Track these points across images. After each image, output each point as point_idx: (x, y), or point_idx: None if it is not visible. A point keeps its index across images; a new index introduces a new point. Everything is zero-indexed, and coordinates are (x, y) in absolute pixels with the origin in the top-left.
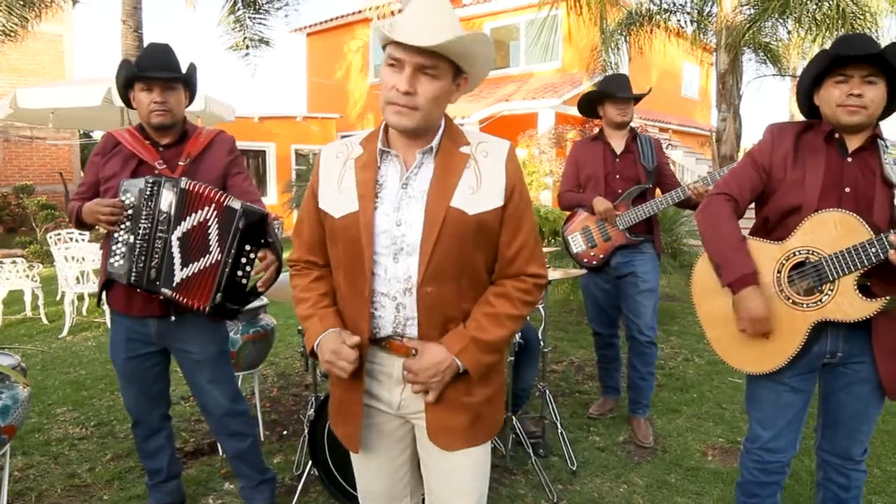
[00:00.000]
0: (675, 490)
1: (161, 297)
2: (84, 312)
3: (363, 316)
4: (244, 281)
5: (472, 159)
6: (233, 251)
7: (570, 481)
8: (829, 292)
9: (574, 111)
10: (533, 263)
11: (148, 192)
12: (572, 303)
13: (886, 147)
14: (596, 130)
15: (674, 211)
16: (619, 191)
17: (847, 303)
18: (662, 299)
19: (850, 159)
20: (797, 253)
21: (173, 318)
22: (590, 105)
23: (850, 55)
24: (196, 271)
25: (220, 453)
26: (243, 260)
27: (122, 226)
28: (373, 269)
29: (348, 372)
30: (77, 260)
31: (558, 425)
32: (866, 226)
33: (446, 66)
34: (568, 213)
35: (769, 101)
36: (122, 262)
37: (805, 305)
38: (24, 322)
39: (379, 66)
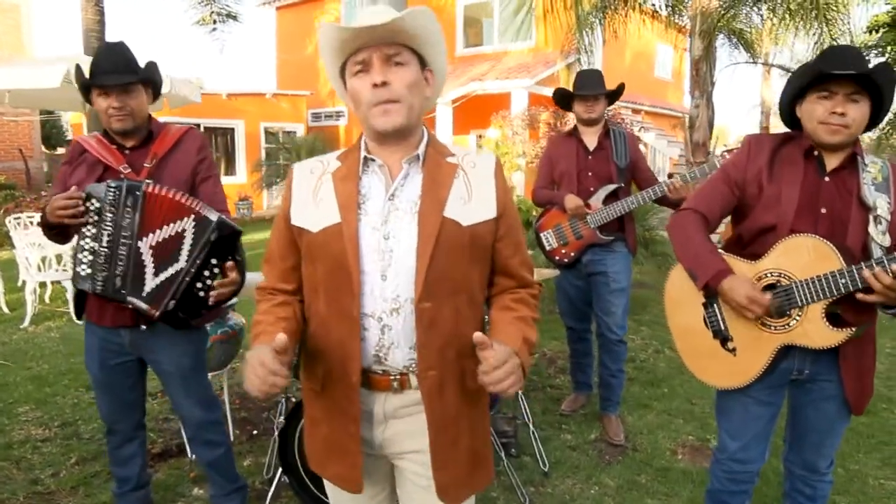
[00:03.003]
0: (645, 491)
1: (130, 307)
2: (47, 300)
3: (352, 339)
4: (201, 294)
5: (461, 169)
6: (198, 262)
7: (541, 483)
8: (798, 317)
9: (547, 91)
10: (531, 273)
11: (110, 197)
12: (544, 292)
13: (865, 166)
14: (570, 118)
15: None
16: (592, 188)
17: (814, 330)
18: (634, 287)
19: (827, 179)
20: (769, 275)
21: (143, 327)
22: (563, 99)
23: (836, 73)
24: (163, 279)
25: (189, 455)
26: (206, 273)
27: (87, 231)
28: (360, 287)
29: (269, 383)
30: (39, 246)
31: (530, 426)
32: (839, 255)
33: (409, 54)
34: (542, 208)
35: (742, 87)
36: (87, 269)
37: (773, 328)
38: None
39: None
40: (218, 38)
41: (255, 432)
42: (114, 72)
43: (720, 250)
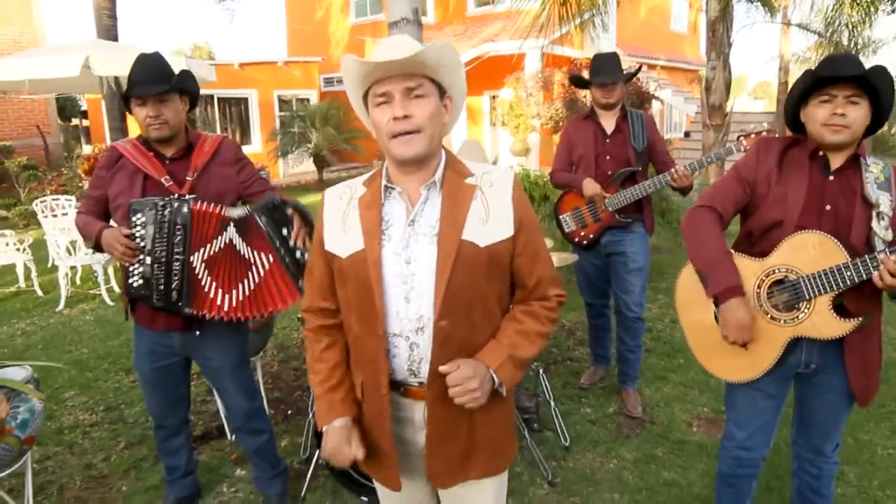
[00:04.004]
0: (662, 464)
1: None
2: (78, 282)
3: (380, 356)
4: (307, 255)
5: (479, 190)
6: (277, 243)
7: (563, 457)
8: (806, 310)
9: (561, 51)
10: (553, 287)
11: (159, 217)
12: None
13: (868, 166)
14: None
15: None
16: (609, 172)
17: (822, 321)
18: (650, 253)
19: (832, 178)
20: (777, 270)
21: (198, 332)
22: (580, 83)
23: (834, 76)
24: (256, 283)
25: (229, 437)
26: (291, 243)
27: (140, 252)
28: (384, 308)
29: (345, 465)
30: (67, 230)
31: (551, 402)
32: (843, 250)
33: (430, 86)
34: (560, 190)
35: (760, 39)
36: (140, 282)
37: (782, 321)
38: (18, 295)
39: (360, 3)
40: (228, 8)
41: (289, 412)
42: (149, 82)
43: (731, 249)
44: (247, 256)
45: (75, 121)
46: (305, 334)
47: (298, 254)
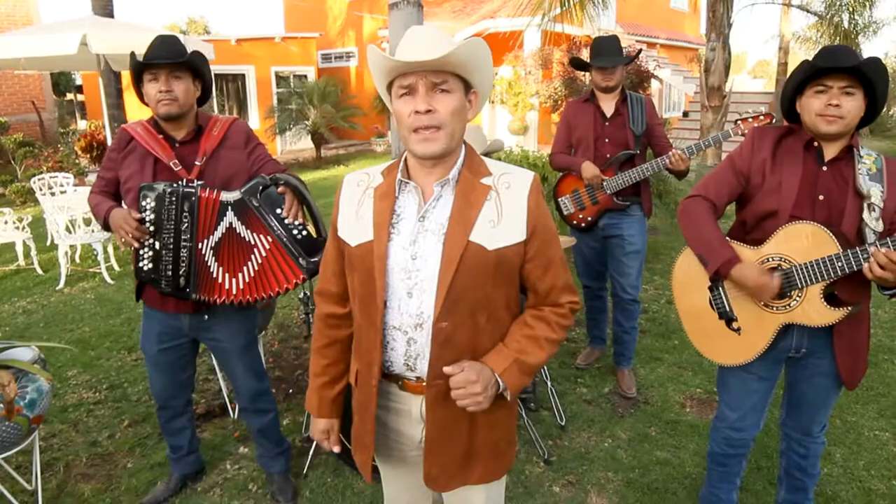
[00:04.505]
0: (655, 444)
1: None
2: (77, 260)
3: (375, 348)
4: (304, 232)
5: (494, 191)
6: (274, 223)
7: (559, 436)
8: (798, 298)
9: (561, 29)
10: (566, 294)
11: (166, 202)
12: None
13: (861, 157)
14: (583, 53)
15: None
16: (608, 155)
17: (813, 309)
18: (647, 233)
19: (825, 168)
20: (770, 259)
21: (206, 316)
22: (580, 66)
23: (829, 66)
24: (259, 264)
25: (231, 415)
26: (287, 222)
27: (146, 236)
28: (385, 301)
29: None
30: (66, 209)
31: (548, 382)
32: (836, 241)
33: (456, 81)
34: (560, 173)
35: (760, 18)
36: (150, 266)
37: (775, 308)
38: (18, 273)
39: None
40: None
41: (290, 391)
42: (165, 56)
43: (726, 237)
44: (247, 239)
45: (70, 95)
46: (315, 317)
47: (296, 231)
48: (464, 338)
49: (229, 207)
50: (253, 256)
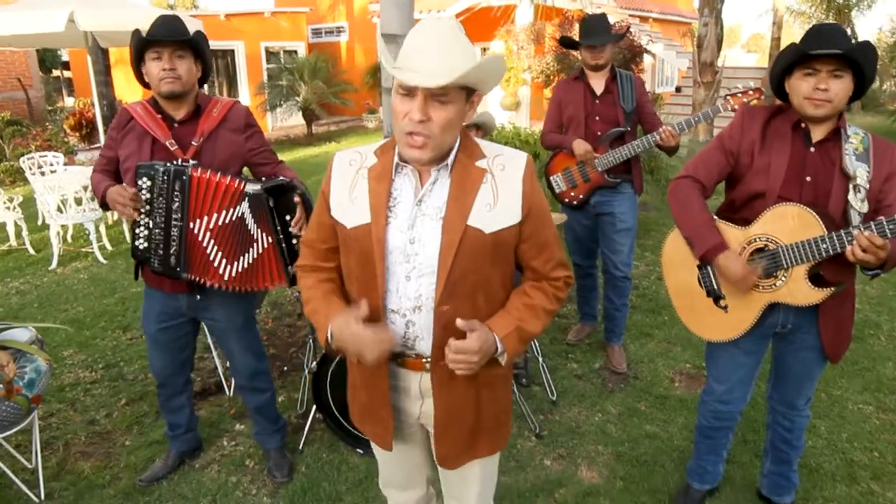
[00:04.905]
0: (644, 418)
1: (191, 280)
2: (69, 240)
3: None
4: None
5: (489, 174)
6: (278, 228)
7: (550, 411)
8: (784, 278)
9: (552, 2)
10: (560, 269)
11: (159, 181)
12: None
13: (848, 137)
14: (574, 29)
15: None
16: (599, 133)
17: (797, 289)
18: (638, 208)
19: (813, 149)
20: (758, 239)
21: (198, 297)
22: (570, 45)
23: (817, 52)
24: (254, 259)
25: (228, 393)
26: (291, 230)
27: (143, 208)
28: (385, 285)
29: (377, 354)
30: (58, 188)
31: (539, 358)
32: (821, 223)
33: (459, 92)
34: (551, 151)
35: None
36: (145, 244)
37: (761, 287)
38: (10, 253)
39: None
40: None
41: (284, 368)
42: (168, 35)
43: (715, 216)
44: (252, 233)
45: (56, 72)
46: (299, 275)
47: (294, 241)
48: (464, 318)
49: (247, 198)
50: (251, 249)
